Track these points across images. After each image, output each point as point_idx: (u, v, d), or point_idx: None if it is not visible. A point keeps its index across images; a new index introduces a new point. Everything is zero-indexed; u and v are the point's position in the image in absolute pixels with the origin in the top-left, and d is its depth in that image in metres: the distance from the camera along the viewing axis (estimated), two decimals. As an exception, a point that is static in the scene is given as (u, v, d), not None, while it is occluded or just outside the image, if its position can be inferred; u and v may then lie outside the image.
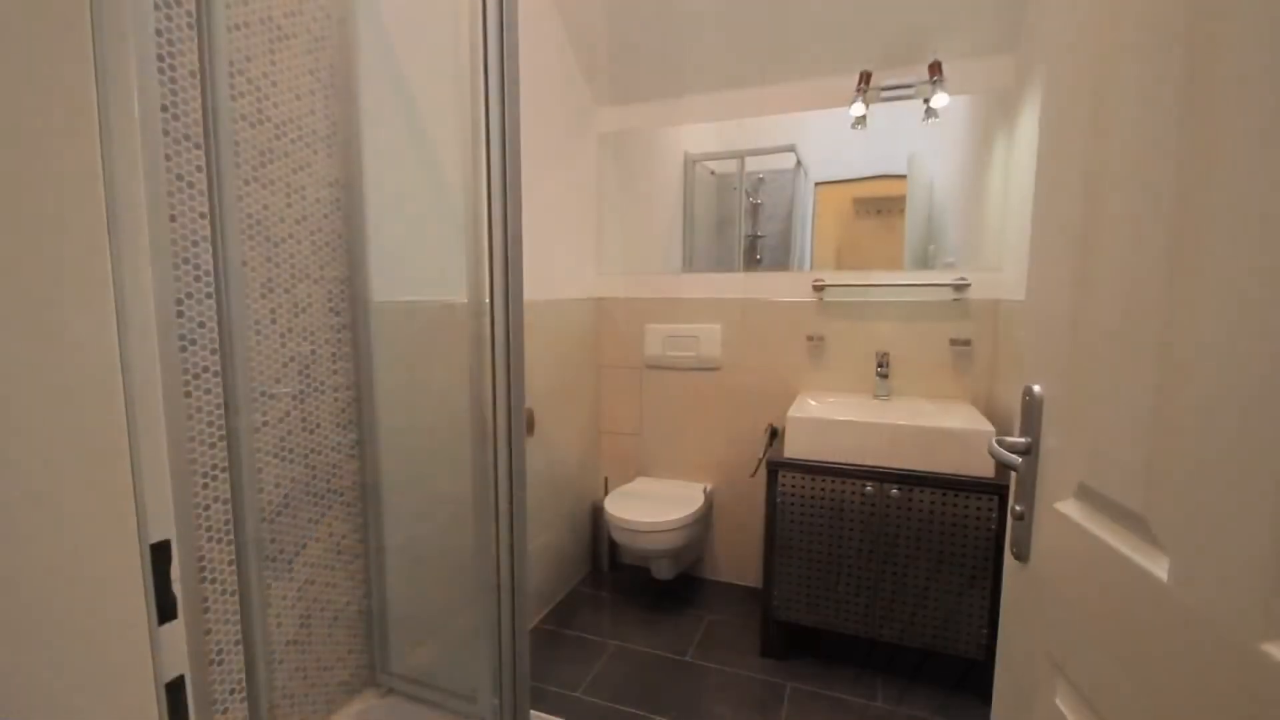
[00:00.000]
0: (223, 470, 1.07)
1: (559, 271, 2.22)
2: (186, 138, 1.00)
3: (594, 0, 2.08)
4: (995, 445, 0.73)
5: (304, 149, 1.19)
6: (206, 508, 1.06)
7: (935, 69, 1.89)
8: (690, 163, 2.37)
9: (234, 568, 1.08)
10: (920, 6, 1.88)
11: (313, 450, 1.24)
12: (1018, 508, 0.75)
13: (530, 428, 2.02)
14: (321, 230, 1.23)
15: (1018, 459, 0.70)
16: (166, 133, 0.96)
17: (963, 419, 1.79)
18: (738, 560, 2.43)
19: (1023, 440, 0.73)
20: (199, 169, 1.00)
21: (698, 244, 2.40)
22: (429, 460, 1.46)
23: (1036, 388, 0.72)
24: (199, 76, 0.96)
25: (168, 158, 0.96)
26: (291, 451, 1.20)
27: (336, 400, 1.29)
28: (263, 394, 1.14)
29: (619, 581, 2.45)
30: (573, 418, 2.36)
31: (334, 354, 1.27)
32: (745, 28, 2.05)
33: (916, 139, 2.05)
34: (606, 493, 2.43)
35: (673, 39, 2.14)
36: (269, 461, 1.16)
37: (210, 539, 1.07)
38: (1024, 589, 0.76)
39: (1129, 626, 0.57)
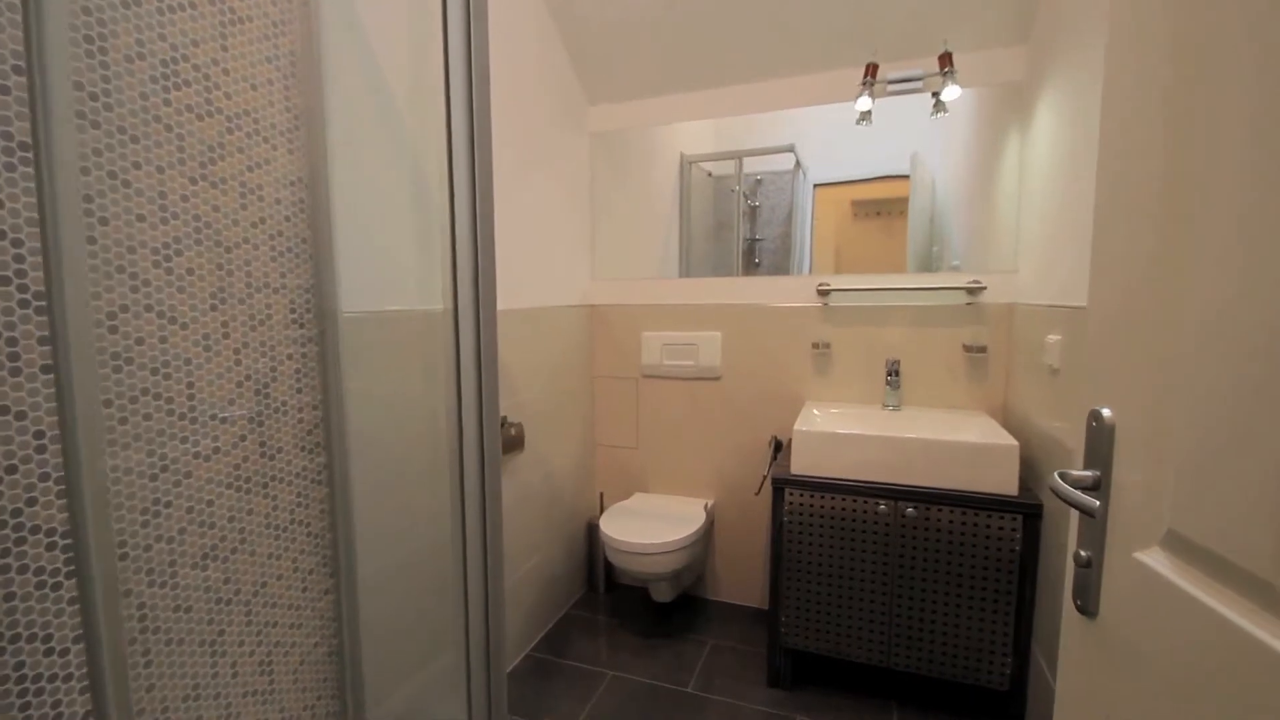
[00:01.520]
0: (166, 506, 0.95)
1: (550, 277, 2.11)
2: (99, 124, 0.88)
3: (584, -8, 1.98)
4: (1060, 482, 0.61)
5: (261, 144, 1.07)
6: (147, 548, 0.94)
7: (946, 60, 1.79)
8: (686, 164, 2.27)
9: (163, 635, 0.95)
10: (928, -4, 1.78)
11: (273, 478, 1.12)
12: (1083, 553, 0.63)
13: (520, 443, 1.90)
14: (282, 234, 1.11)
15: (1093, 502, 0.58)
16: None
17: (981, 431, 1.68)
18: (741, 580, 2.30)
19: (1089, 474, 0.62)
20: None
21: (695, 248, 2.29)
22: (407, 484, 1.34)
23: (1106, 412, 0.61)
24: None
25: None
26: (248, 480, 1.08)
27: (301, 421, 1.17)
28: (213, 418, 1.02)
29: (616, 603, 2.32)
30: (566, 431, 2.24)
31: (298, 370, 1.15)
32: (745, 21, 1.94)
33: (919, 137, 1.95)
34: (602, 510, 2.31)
35: (668, 33, 2.03)
36: (221, 493, 1.03)
37: (153, 584, 0.94)
38: (1090, 648, 0.65)
39: (1247, 717, 0.45)
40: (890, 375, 1.95)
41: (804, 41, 1.96)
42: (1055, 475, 0.62)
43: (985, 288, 1.87)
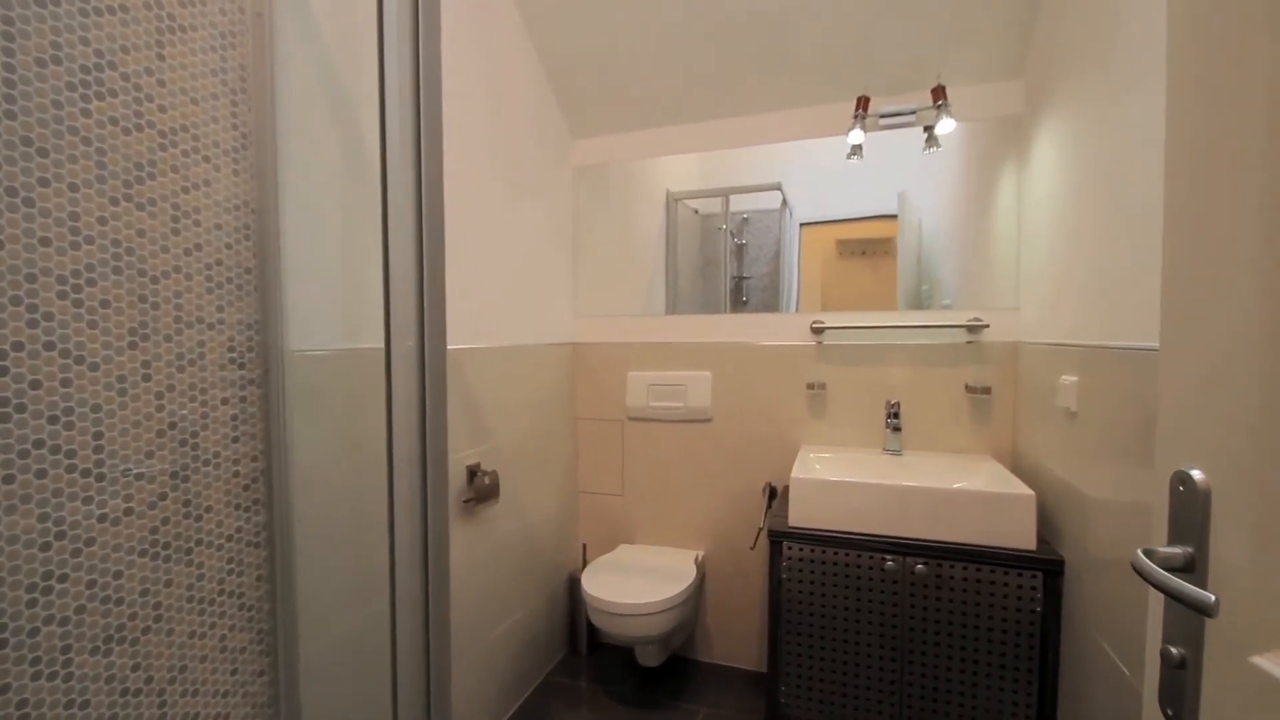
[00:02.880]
0: (60, 580, 0.80)
1: (530, 314, 1.99)
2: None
3: (570, 27, 1.92)
4: (1148, 564, 0.49)
5: (200, 163, 0.96)
6: (34, 632, 0.78)
7: (939, 93, 1.74)
8: (672, 201, 2.20)
9: None
10: (917, 31, 1.74)
11: (199, 542, 0.97)
12: (1174, 650, 0.51)
13: (495, 492, 1.75)
14: (222, 263, 0.99)
15: (1207, 596, 0.46)
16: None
17: (992, 479, 1.56)
18: (736, 640, 2.13)
19: (1179, 551, 0.50)
20: None
21: (681, 286, 2.20)
22: (361, 545, 1.19)
23: (1197, 474, 0.49)
24: None
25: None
26: (168, 546, 0.92)
27: (237, 475, 1.02)
28: (126, 473, 0.87)
29: (599, 666, 2.13)
30: (546, 478, 2.09)
31: (235, 417, 1.01)
32: (731, 54, 1.89)
33: (907, 176, 1.90)
34: (585, 563, 2.15)
35: (654, 66, 1.98)
36: (133, 562, 0.88)
37: (39, 676, 0.78)
38: (1187, 771, 0.52)
39: None
40: (891, 418, 1.84)
41: (793, 75, 1.92)
42: (1139, 554, 0.50)
43: (988, 325, 1.78)
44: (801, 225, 2.05)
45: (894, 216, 1.93)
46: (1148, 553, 0.50)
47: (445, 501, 0.81)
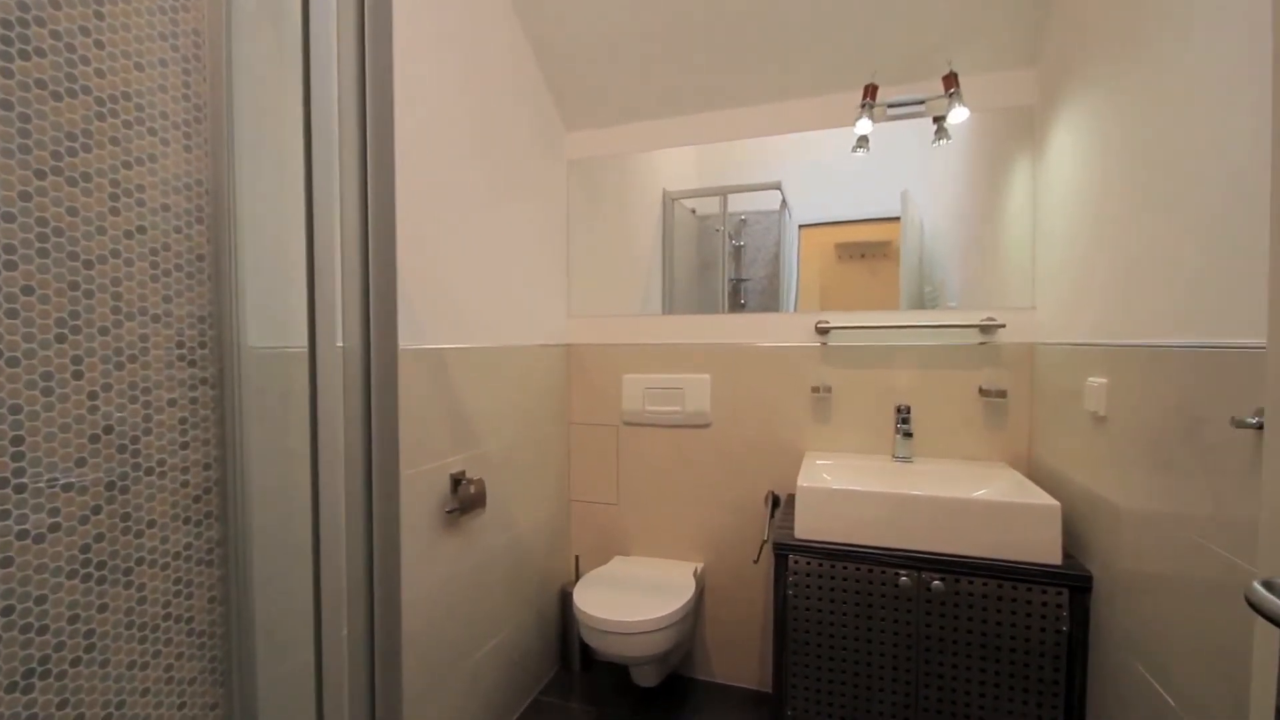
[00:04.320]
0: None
1: (521, 313, 1.89)
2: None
3: (563, 16, 1.83)
4: (1269, 597, 0.39)
5: (145, 136, 0.86)
6: (-68, 668, 0.67)
7: (951, 81, 1.66)
8: (669, 201, 2.11)
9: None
10: (925, 18, 1.66)
11: (140, 561, 0.86)
12: (1297, 706, 0.41)
13: (481, 501, 1.64)
14: (170, 248, 0.89)
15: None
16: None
17: (1010, 488, 1.47)
18: (738, 657, 2.03)
19: (1305, 583, 0.40)
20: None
21: (678, 288, 2.11)
22: (328, 561, 1.08)
23: (1329, 487, 0.40)
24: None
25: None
26: (102, 566, 0.82)
27: (185, 485, 0.92)
28: (53, 483, 0.77)
29: (592, 686, 2.02)
30: (536, 486, 1.99)
31: (184, 420, 0.91)
32: (732, 42, 1.81)
33: (911, 174, 1.82)
34: (578, 576, 2.04)
35: (651, 55, 1.89)
36: (60, 584, 0.78)
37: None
38: None
39: None
40: (901, 423, 1.74)
41: (795, 64, 1.83)
42: (1257, 587, 0.40)
43: (1003, 325, 1.69)
44: (800, 227, 1.97)
45: (895, 219, 1.85)
46: (1268, 585, 0.40)
47: (396, 520, 0.71)
